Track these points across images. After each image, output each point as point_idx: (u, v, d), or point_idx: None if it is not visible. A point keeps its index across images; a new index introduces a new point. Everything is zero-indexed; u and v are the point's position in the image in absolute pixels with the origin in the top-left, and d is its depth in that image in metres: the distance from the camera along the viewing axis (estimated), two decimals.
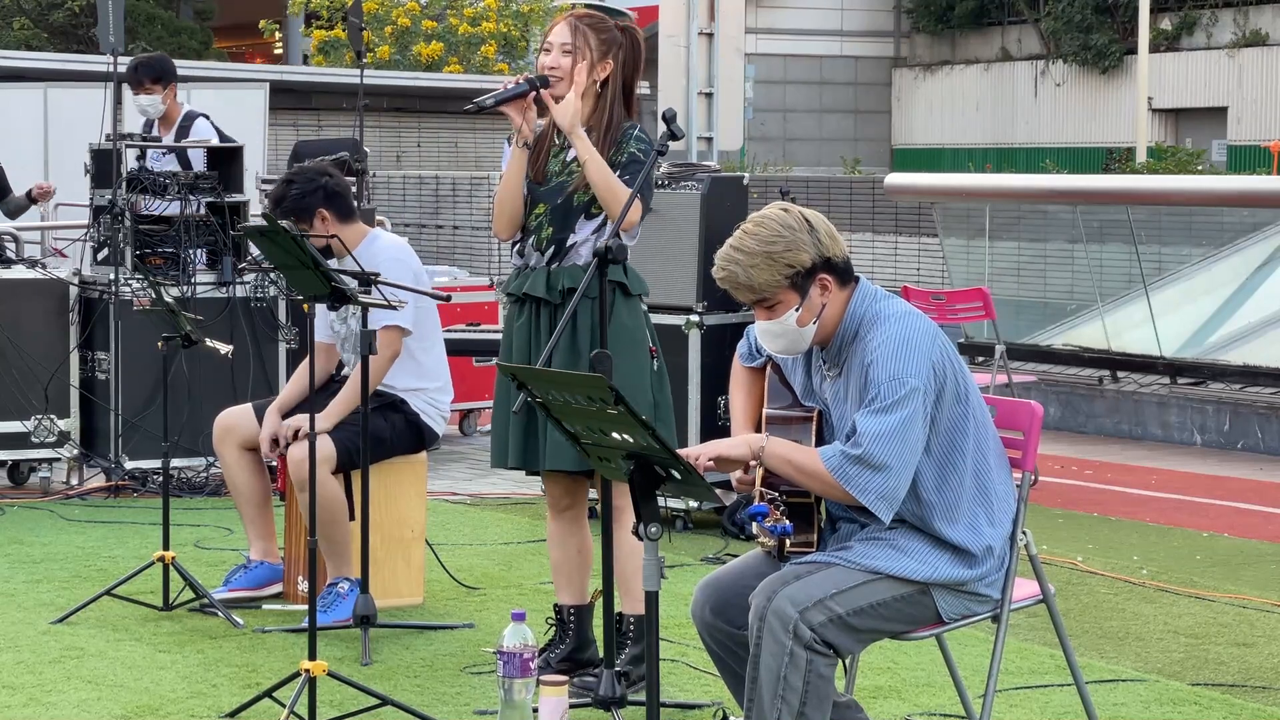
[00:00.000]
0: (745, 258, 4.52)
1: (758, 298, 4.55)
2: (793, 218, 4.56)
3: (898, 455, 4.43)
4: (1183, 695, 5.89)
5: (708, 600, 4.72)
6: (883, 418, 4.43)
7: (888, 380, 4.45)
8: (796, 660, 4.38)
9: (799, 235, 4.53)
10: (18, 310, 9.24)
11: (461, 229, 20.78)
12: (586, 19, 5.83)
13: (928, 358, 4.49)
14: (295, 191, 6.85)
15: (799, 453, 4.52)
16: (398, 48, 29.72)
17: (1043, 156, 35.57)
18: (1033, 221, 14.17)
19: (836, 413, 4.64)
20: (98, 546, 8.02)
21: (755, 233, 4.54)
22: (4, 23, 33.10)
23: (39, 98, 16.22)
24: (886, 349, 4.48)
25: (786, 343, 4.61)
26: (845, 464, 4.44)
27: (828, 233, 4.58)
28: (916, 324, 4.54)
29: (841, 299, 4.59)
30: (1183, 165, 26.02)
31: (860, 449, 4.43)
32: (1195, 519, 9.25)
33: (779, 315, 4.55)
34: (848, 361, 4.59)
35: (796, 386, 4.75)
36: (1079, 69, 40.00)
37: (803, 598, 4.42)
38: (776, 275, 4.51)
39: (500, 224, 5.88)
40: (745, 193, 8.74)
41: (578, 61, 5.74)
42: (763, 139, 40.98)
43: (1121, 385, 12.70)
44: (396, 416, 6.82)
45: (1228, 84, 37.86)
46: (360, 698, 5.52)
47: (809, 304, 4.54)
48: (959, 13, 42.86)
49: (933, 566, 4.53)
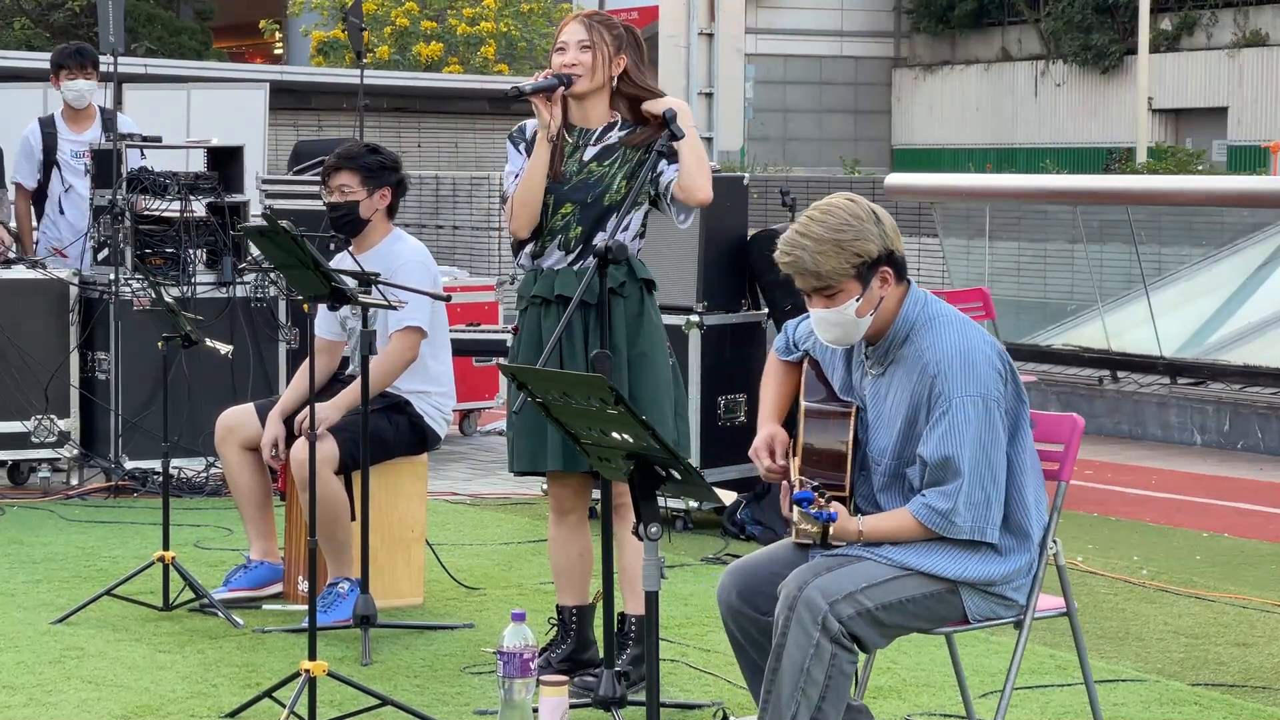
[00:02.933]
0: (813, 244, 4.53)
1: (820, 285, 4.55)
2: (860, 208, 4.58)
3: (990, 482, 4.51)
4: (1183, 695, 5.89)
5: (735, 585, 4.73)
6: (961, 449, 4.47)
7: (959, 396, 4.48)
8: (821, 653, 4.39)
9: (866, 225, 4.55)
10: (18, 310, 9.24)
11: (461, 229, 20.76)
12: (597, 16, 5.88)
13: (992, 366, 4.53)
14: (377, 159, 6.87)
15: (891, 525, 4.58)
16: (397, 48, 29.74)
17: (1043, 156, 35.56)
18: (1033, 221, 14.17)
19: (874, 410, 4.65)
20: (98, 546, 8.01)
21: (823, 220, 4.55)
22: (4, 23, 33.09)
23: (39, 98, 16.19)
24: (954, 362, 4.51)
25: (841, 332, 4.61)
26: (943, 522, 4.51)
27: (891, 227, 4.61)
28: (975, 333, 4.58)
29: (897, 296, 4.61)
30: (1182, 165, 26.01)
31: (950, 502, 4.48)
32: (1195, 519, 9.24)
33: (839, 304, 4.56)
34: (894, 363, 4.61)
35: (835, 382, 4.76)
36: (1079, 69, 39.98)
37: (834, 589, 4.44)
38: (843, 264, 4.52)
39: (520, 222, 5.81)
40: (745, 193, 8.74)
41: (596, 57, 5.76)
42: (763, 139, 40.95)
43: (1121, 385, 12.70)
44: (400, 418, 6.82)
45: (1228, 84, 37.84)
46: (360, 698, 5.52)
47: (869, 296, 4.56)
48: (959, 13, 42.84)
49: (963, 565, 4.54)
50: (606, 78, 5.78)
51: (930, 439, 4.50)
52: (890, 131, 44.66)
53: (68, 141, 10.26)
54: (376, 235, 6.88)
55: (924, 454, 4.51)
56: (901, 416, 4.58)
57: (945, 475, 4.49)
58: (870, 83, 44.54)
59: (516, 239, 5.87)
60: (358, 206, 6.82)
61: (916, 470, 4.57)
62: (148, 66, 21.22)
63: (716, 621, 6.60)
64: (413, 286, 6.54)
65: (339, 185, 6.84)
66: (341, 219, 6.83)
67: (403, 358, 6.74)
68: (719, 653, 6.21)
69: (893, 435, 4.61)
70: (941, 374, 4.51)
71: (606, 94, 5.81)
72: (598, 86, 5.78)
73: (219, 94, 17.77)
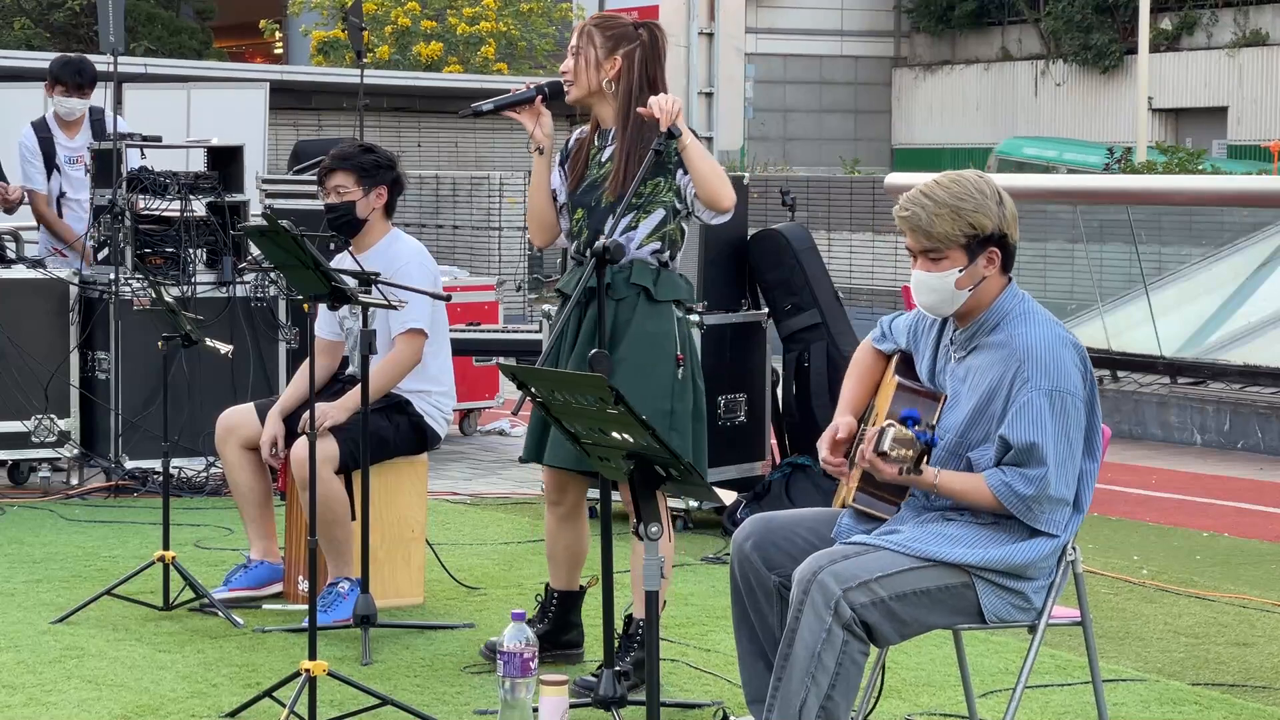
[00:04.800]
0: (933, 204, 4.60)
1: (929, 246, 4.62)
2: (987, 185, 4.65)
3: (1071, 479, 4.57)
4: (1183, 695, 5.89)
5: (754, 534, 4.78)
6: (1045, 438, 4.50)
7: (1049, 389, 4.53)
8: (833, 640, 4.41)
9: (988, 203, 4.62)
10: (18, 310, 9.24)
11: (461, 229, 20.77)
12: (596, 18, 5.84)
13: (1077, 368, 4.58)
14: (372, 158, 6.88)
15: (965, 485, 4.59)
16: (397, 48, 29.74)
17: None
18: (1033, 221, 14.17)
19: (950, 390, 4.70)
20: (98, 546, 8.01)
21: (949, 186, 4.62)
22: (4, 23, 33.09)
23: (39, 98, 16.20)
24: (1045, 354, 4.56)
25: (937, 299, 4.67)
26: (1020, 506, 4.55)
27: (1012, 213, 4.67)
28: (1066, 335, 4.63)
29: (999, 283, 4.67)
30: (1183, 165, 26.01)
31: (1033, 489, 4.52)
32: (1195, 519, 9.25)
33: (942, 270, 4.63)
34: (979, 349, 4.66)
35: (922, 371, 4.80)
36: (1079, 69, 40.00)
37: (848, 576, 4.46)
38: (956, 230, 4.59)
39: (532, 232, 5.96)
40: (745, 193, 8.73)
41: (581, 62, 5.74)
42: (763, 139, 40.97)
43: (1121, 385, 12.70)
44: (401, 418, 6.82)
45: (1228, 84, 37.86)
46: (360, 698, 5.52)
47: (972, 270, 4.62)
48: (959, 13, 42.87)
49: (982, 551, 4.56)
50: (598, 81, 5.76)
51: (1016, 422, 4.53)
52: (890, 131, 44.69)
53: (62, 147, 10.27)
54: (375, 235, 6.88)
55: (1008, 435, 4.54)
56: (977, 398, 4.62)
57: (1029, 460, 4.53)
58: (870, 82, 44.56)
59: (536, 248, 5.98)
60: (354, 206, 6.82)
61: (985, 452, 4.60)
62: (148, 66, 21.19)
63: (716, 621, 6.63)
64: (413, 286, 6.55)
65: (335, 186, 6.84)
66: (339, 219, 6.84)
67: (408, 361, 6.74)
68: (719, 653, 6.21)
69: (963, 414, 4.65)
70: (1030, 361, 4.56)
71: (609, 95, 5.79)
72: (591, 91, 5.77)
73: (219, 94, 17.78)
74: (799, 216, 9.19)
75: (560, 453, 5.70)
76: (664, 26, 6.01)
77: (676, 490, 4.12)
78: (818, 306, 8.68)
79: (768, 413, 8.76)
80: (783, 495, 8.37)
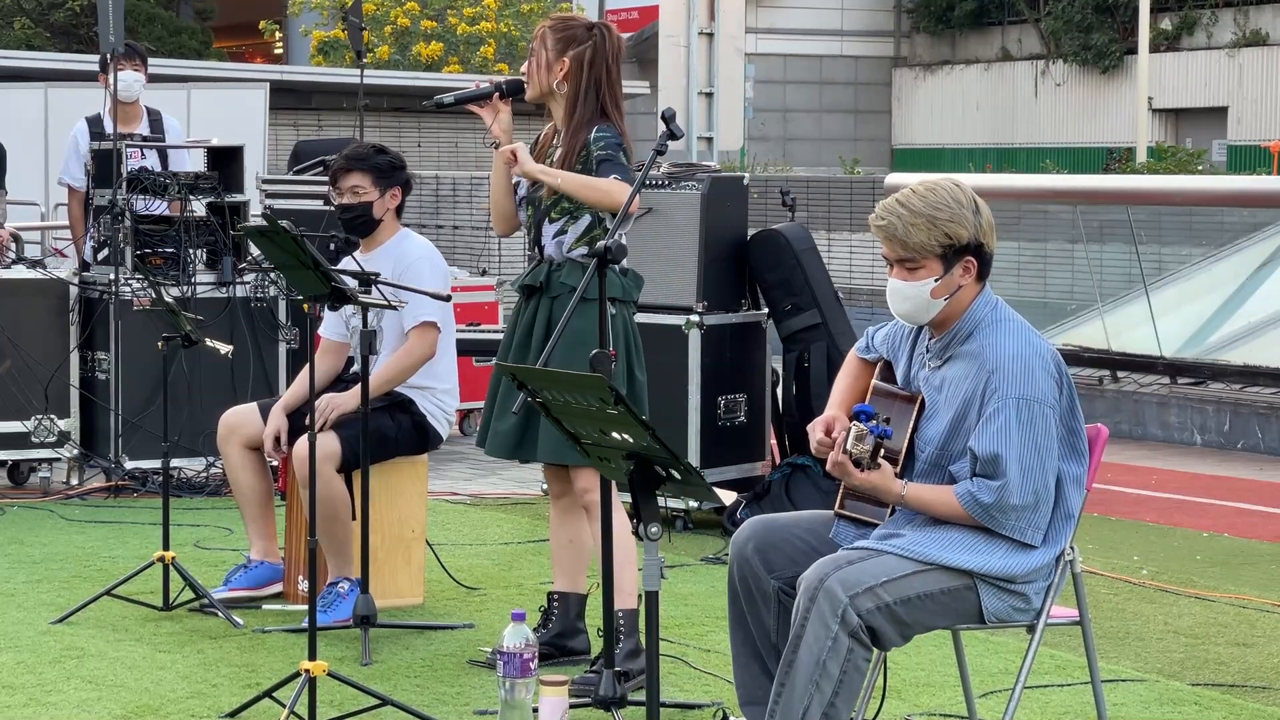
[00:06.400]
0: (908, 214, 4.61)
1: (905, 256, 4.63)
2: (964, 194, 4.66)
3: (1041, 486, 4.55)
4: (1183, 695, 5.90)
5: (754, 536, 4.79)
6: (1009, 449, 4.50)
7: (1017, 399, 4.53)
8: (839, 647, 4.42)
9: (964, 212, 4.63)
10: (18, 310, 9.24)
11: (461, 229, 20.75)
12: (551, 20, 6.04)
13: (1049, 375, 4.58)
14: (387, 159, 6.91)
15: (933, 497, 4.60)
16: (397, 48, 29.72)
17: (1043, 156, 35.54)
18: (1033, 221, 14.17)
19: (929, 401, 4.71)
20: (98, 546, 8.01)
21: (925, 195, 4.63)
22: (4, 22, 33.08)
23: (39, 97, 16.19)
24: (1014, 364, 4.56)
25: (912, 307, 4.68)
26: (983, 514, 4.55)
27: (989, 222, 4.68)
28: (1037, 341, 4.64)
29: (973, 291, 4.69)
30: (1183, 165, 26.01)
31: (993, 497, 4.52)
32: (1195, 519, 9.25)
33: (917, 279, 4.64)
34: (954, 358, 4.67)
35: (900, 377, 4.82)
36: (1079, 69, 39.97)
37: (854, 582, 4.47)
38: (932, 240, 4.60)
39: (494, 221, 6.17)
40: (745, 193, 8.73)
41: (533, 64, 5.94)
42: (763, 139, 40.95)
43: (1121, 385, 12.70)
44: (403, 417, 6.83)
45: (1228, 84, 37.83)
46: (360, 698, 5.52)
47: (948, 279, 4.64)
48: (959, 13, 42.82)
49: (984, 558, 4.57)
50: (549, 83, 5.93)
51: (983, 434, 4.55)
52: (890, 131, 44.65)
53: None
54: (385, 234, 6.92)
55: (974, 447, 4.57)
56: (953, 410, 4.64)
57: (994, 471, 4.54)
58: (870, 82, 44.52)
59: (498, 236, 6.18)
60: (371, 207, 6.83)
61: (964, 465, 4.61)
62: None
63: (716, 621, 6.62)
64: (419, 286, 6.58)
65: (350, 186, 6.84)
66: (354, 220, 6.85)
67: (422, 354, 6.77)
68: (719, 653, 6.21)
69: (941, 426, 4.66)
70: (999, 372, 4.56)
71: (562, 97, 5.96)
72: (543, 91, 5.97)
73: (219, 94, 17.75)
74: (799, 216, 9.17)
75: (552, 450, 5.82)
76: (664, 26, 6.16)
77: (677, 490, 4.12)
78: (818, 307, 8.68)
79: (768, 413, 8.76)
80: (782, 495, 8.36)
